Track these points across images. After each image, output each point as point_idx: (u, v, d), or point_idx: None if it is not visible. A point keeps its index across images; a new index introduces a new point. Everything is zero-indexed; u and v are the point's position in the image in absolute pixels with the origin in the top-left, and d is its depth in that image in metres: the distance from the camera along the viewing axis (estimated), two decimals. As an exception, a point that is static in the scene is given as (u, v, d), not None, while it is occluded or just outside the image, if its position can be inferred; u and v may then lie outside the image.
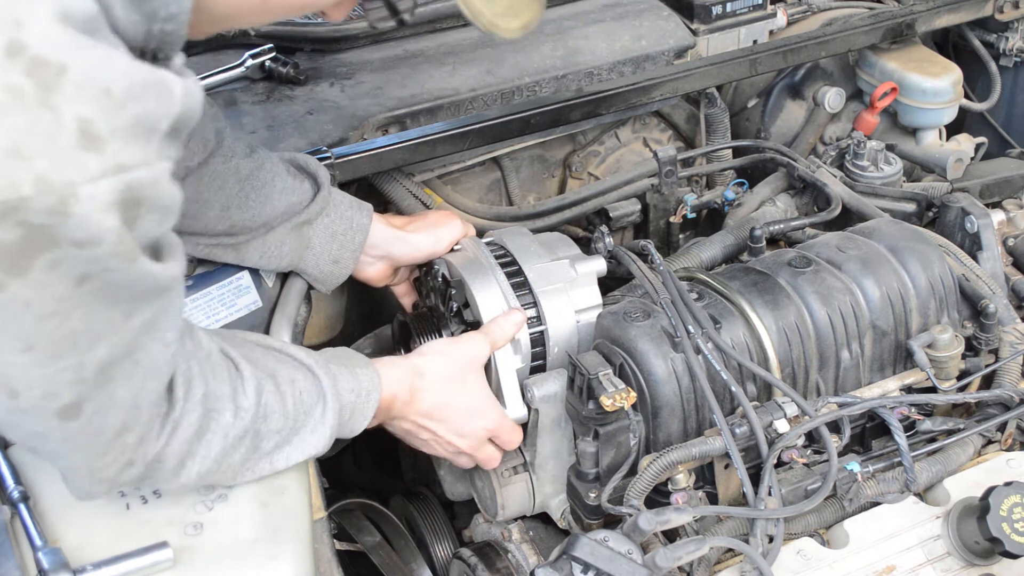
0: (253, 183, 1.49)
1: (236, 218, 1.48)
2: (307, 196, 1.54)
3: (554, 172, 2.13)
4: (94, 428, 1.05)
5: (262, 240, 1.52)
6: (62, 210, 0.88)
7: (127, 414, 1.07)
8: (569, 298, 1.56)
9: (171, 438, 1.14)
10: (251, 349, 1.27)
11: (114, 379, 1.03)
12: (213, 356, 1.18)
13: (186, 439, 1.15)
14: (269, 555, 1.22)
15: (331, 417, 1.30)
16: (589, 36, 2.06)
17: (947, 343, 1.52)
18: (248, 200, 1.48)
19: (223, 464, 1.21)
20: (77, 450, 1.07)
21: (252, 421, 1.21)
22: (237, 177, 1.47)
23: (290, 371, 1.28)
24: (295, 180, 1.54)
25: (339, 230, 1.57)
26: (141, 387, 1.07)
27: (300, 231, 1.54)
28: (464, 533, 1.82)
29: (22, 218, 0.87)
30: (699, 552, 1.26)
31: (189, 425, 1.14)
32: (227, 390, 1.18)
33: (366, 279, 1.68)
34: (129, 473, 1.13)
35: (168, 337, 1.07)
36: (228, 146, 1.47)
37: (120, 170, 0.90)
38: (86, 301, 0.95)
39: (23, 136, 0.86)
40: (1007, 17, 2.29)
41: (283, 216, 1.52)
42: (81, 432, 1.05)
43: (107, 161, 0.89)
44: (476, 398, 1.49)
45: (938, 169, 2.12)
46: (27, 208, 0.87)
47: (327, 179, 1.57)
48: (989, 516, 1.31)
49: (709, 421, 1.45)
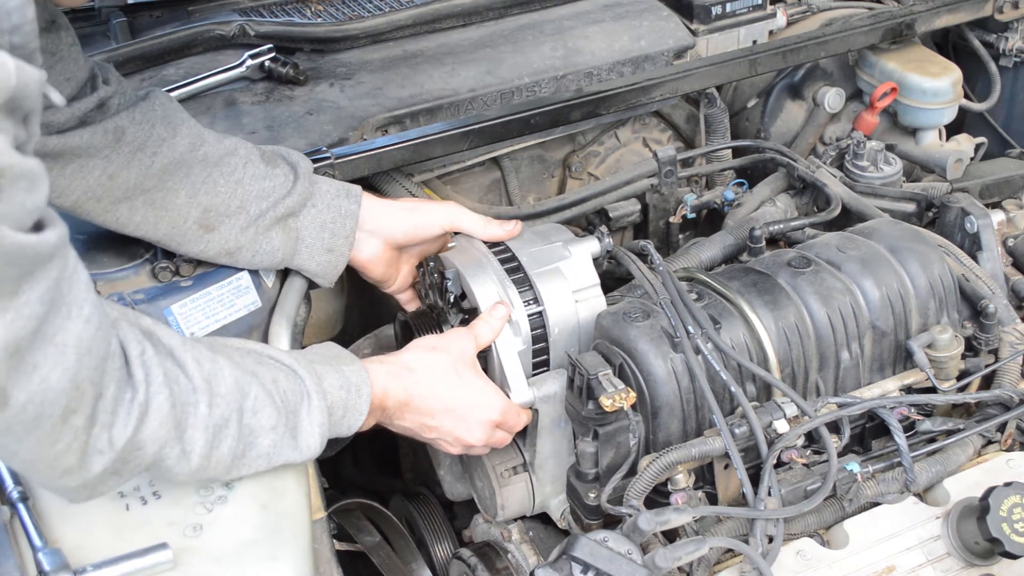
0: (222, 169, 1.49)
1: (207, 202, 1.48)
2: (283, 183, 1.53)
3: (554, 172, 2.13)
4: (31, 415, 1.04)
5: (251, 236, 1.51)
6: None
7: (67, 397, 1.05)
8: (565, 278, 1.56)
9: (142, 423, 1.12)
10: (231, 351, 1.27)
11: (39, 364, 1.02)
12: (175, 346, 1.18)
13: (160, 423, 1.13)
14: (269, 556, 1.22)
15: (318, 416, 1.30)
16: (589, 36, 2.06)
17: (947, 343, 1.52)
18: (216, 185, 1.48)
19: (212, 459, 1.20)
20: (21, 441, 1.05)
21: (236, 413, 1.20)
22: (205, 163, 1.48)
23: (271, 372, 1.28)
24: (268, 167, 1.53)
25: (328, 219, 1.56)
26: (77, 367, 1.05)
27: (286, 225, 1.53)
28: (464, 533, 1.82)
29: None
30: (699, 552, 1.26)
31: (159, 408, 1.13)
32: (198, 381, 1.17)
33: (364, 263, 1.64)
34: (100, 461, 1.11)
35: (85, 312, 1.05)
36: (195, 134, 1.48)
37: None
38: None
39: None
40: (1007, 17, 2.29)
41: (258, 199, 1.50)
42: (17, 421, 1.03)
43: None
44: (473, 390, 1.48)
45: (938, 169, 2.12)
46: None
47: (307, 169, 1.56)
48: (989, 516, 1.31)
49: (709, 421, 1.45)
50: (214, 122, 1.80)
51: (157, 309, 1.47)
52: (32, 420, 1.04)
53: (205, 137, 1.49)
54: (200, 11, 2.08)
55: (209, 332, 1.50)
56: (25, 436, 1.06)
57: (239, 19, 1.99)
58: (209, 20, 1.99)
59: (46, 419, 1.05)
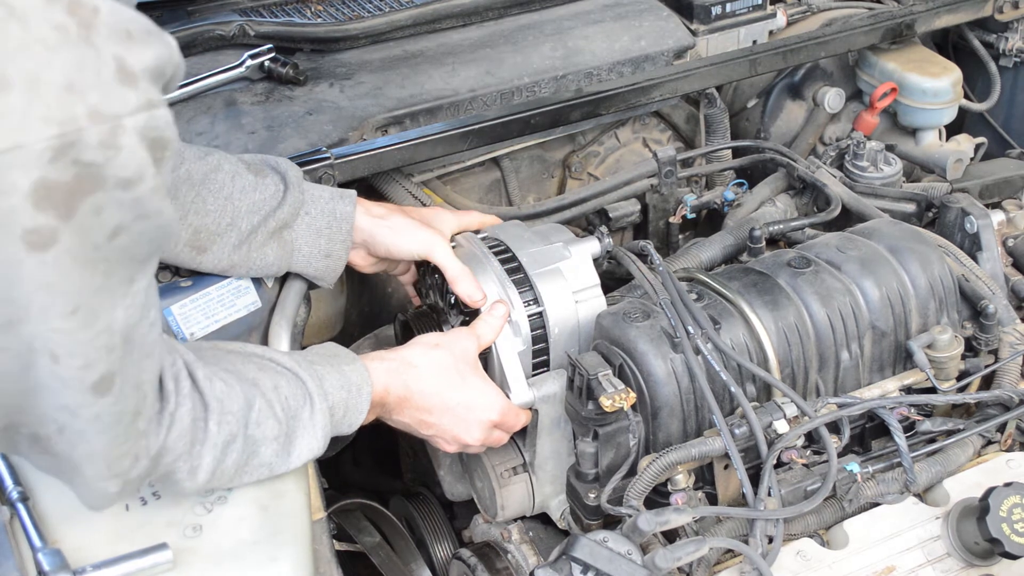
0: (209, 186, 1.45)
1: (197, 223, 1.45)
2: (274, 193, 1.50)
3: (554, 172, 2.13)
4: (120, 408, 1.04)
5: (244, 253, 1.49)
6: (112, 143, 0.91)
7: (138, 396, 1.06)
8: (565, 279, 1.56)
9: (168, 433, 1.13)
10: (231, 359, 1.27)
11: (132, 352, 1.03)
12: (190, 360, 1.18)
13: (179, 436, 1.14)
14: (269, 556, 1.22)
15: (320, 418, 1.30)
16: (589, 36, 2.06)
17: (947, 344, 1.52)
18: (206, 203, 1.45)
19: (217, 473, 1.21)
20: (102, 432, 1.05)
21: (242, 428, 1.21)
22: (191, 183, 1.44)
23: (272, 377, 1.28)
24: (257, 177, 1.50)
25: (323, 225, 1.54)
26: (142, 368, 1.06)
27: (280, 237, 1.51)
28: (464, 533, 1.82)
29: (76, 156, 0.89)
30: (698, 553, 1.26)
31: (181, 420, 1.14)
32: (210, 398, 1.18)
33: (351, 264, 1.63)
34: (137, 468, 1.12)
35: (152, 316, 1.06)
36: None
37: (151, 106, 0.94)
38: (112, 257, 0.96)
39: (74, 71, 0.89)
40: (1007, 17, 2.29)
41: (249, 213, 1.48)
42: (109, 410, 1.03)
43: (141, 97, 0.93)
44: (474, 389, 1.48)
45: (938, 169, 2.12)
46: (82, 143, 0.89)
47: (298, 176, 1.54)
48: (989, 517, 1.31)
49: (709, 422, 1.45)
50: (214, 122, 1.80)
51: (157, 309, 1.47)
52: (119, 413, 1.05)
53: (184, 154, 1.45)
54: (200, 11, 2.08)
55: (209, 333, 1.50)
56: (105, 430, 1.05)
57: (239, 19, 1.98)
58: (209, 20, 1.99)
59: (127, 415, 1.06)
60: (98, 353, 0.99)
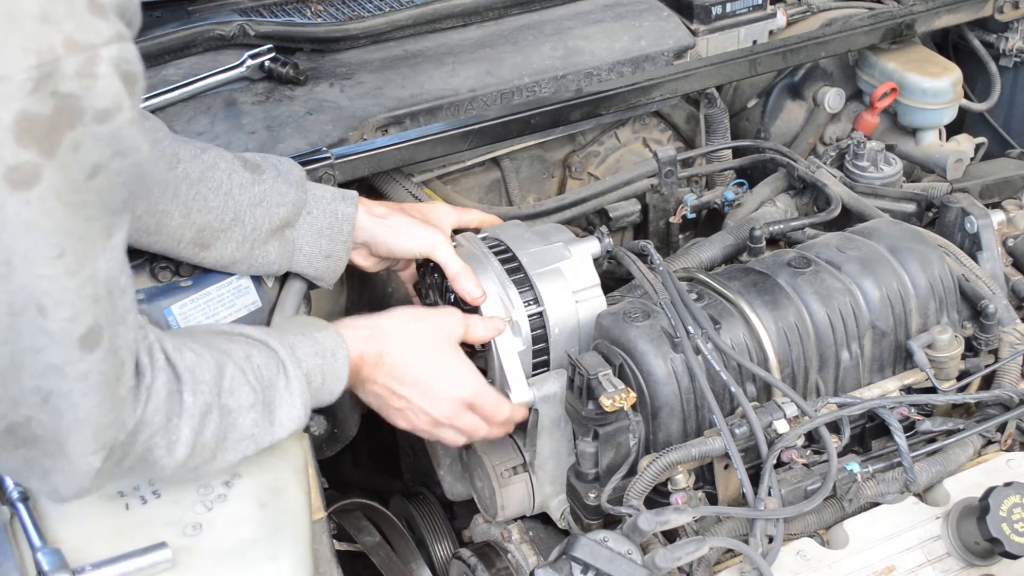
0: (208, 184, 1.45)
1: (200, 221, 1.44)
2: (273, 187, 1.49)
3: (554, 172, 2.13)
4: (107, 366, 1.03)
5: (247, 250, 1.49)
6: (89, 72, 0.92)
7: (116, 360, 1.05)
8: (565, 279, 1.56)
9: (146, 406, 1.12)
10: (198, 333, 1.26)
11: (116, 309, 1.02)
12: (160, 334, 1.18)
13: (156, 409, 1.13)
14: (268, 555, 1.22)
15: (296, 385, 1.29)
16: (589, 36, 2.06)
17: (947, 343, 1.52)
18: (207, 201, 1.45)
19: (196, 446, 1.18)
20: (90, 393, 1.04)
21: (216, 397, 1.19)
22: (188, 182, 1.43)
23: (244, 348, 1.27)
24: (254, 174, 1.49)
25: (325, 225, 1.54)
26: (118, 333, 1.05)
27: (282, 236, 1.51)
28: (464, 533, 1.82)
29: (55, 87, 0.90)
30: (699, 552, 1.26)
31: (157, 393, 1.13)
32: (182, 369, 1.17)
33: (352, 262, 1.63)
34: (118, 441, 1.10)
35: (124, 282, 1.06)
36: (170, 153, 1.43)
37: (121, 38, 0.96)
38: (90, 200, 0.96)
39: (47, 2, 0.91)
40: (1007, 17, 2.29)
41: (251, 207, 1.47)
42: (97, 367, 1.02)
43: (112, 28, 0.95)
44: (448, 364, 1.46)
45: (938, 169, 2.12)
46: (59, 74, 0.90)
47: (300, 176, 1.53)
48: (989, 517, 1.31)
49: (709, 421, 1.45)
50: (214, 122, 1.80)
51: (157, 309, 1.47)
52: (106, 373, 1.04)
53: (179, 155, 1.44)
54: (200, 11, 2.08)
55: (209, 332, 1.50)
56: (93, 391, 1.04)
57: (239, 19, 1.98)
58: (209, 20, 1.99)
59: (112, 377, 1.05)
60: (85, 303, 0.99)
